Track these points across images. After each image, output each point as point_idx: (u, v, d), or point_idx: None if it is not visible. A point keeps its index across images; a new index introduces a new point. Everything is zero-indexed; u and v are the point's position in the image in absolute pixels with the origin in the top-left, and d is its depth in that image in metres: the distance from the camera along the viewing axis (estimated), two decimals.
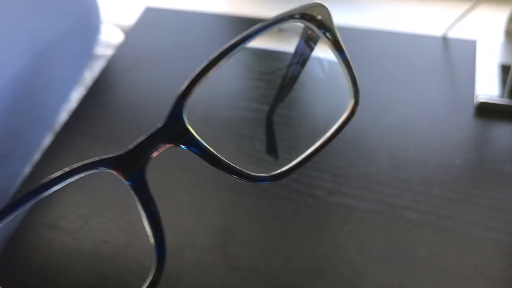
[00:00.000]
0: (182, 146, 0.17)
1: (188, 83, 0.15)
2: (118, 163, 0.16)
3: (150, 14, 0.62)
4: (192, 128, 0.16)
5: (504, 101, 0.45)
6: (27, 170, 0.46)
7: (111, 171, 0.16)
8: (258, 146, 0.38)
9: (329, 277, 0.35)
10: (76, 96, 0.56)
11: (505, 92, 0.46)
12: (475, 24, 0.57)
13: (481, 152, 0.42)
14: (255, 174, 0.18)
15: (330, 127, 0.19)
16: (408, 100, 0.48)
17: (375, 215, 0.38)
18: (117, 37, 0.62)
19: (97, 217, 0.39)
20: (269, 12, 0.65)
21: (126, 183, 0.17)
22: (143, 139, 0.17)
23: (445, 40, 0.55)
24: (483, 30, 0.57)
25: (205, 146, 0.16)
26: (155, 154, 0.17)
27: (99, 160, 0.16)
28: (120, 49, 0.57)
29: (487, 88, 0.47)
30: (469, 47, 0.53)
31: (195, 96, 0.17)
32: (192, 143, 0.17)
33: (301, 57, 0.22)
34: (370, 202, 0.39)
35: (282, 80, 0.29)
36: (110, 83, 0.53)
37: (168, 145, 0.17)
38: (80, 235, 0.38)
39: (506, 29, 0.53)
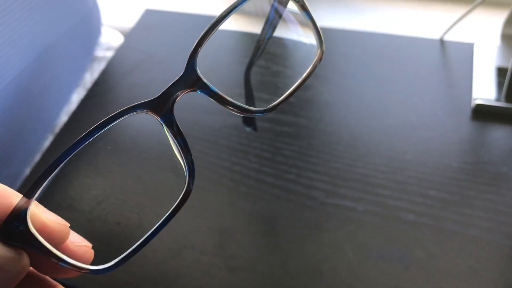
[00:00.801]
0: (198, 91, 0.23)
1: (196, 42, 0.19)
2: (152, 106, 0.21)
3: (150, 17, 0.62)
4: (204, 76, 0.22)
5: (501, 104, 0.46)
6: (27, 171, 0.46)
7: (147, 111, 0.21)
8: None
9: (327, 278, 0.35)
10: (76, 98, 0.56)
11: (501, 95, 0.46)
12: (472, 27, 0.58)
13: (478, 154, 0.43)
14: (253, 108, 0.24)
15: (304, 72, 0.25)
16: (405, 102, 0.48)
17: (372, 216, 0.38)
18: (117, 40, 0.63)
19: (109, 199, 0.40)
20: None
21: (160, 120, 0.21)
22: (168, 86, 0.22)
23: (442, 43, 0.55)
24: (480, 33, 0.58)
25: (215, 89, 0.22)
26: (178, 97, 0.22)
27: (136, 104, 0.21)
28: (120, 51, 0.57)
29: (484, 91, 0.47)
30: (466, 50, 0.53)
31: (204, 52, 0.23)
32: (205, 87, 0.22)
33: (273, 20, 0.26)
34: (367, 204, 0.39)
35: (257, 41, 0.34)
36: (110, 84, 0.53)
37: (187, 90, 0.22)
38: (94, 216, 0.39)
39: (503, 32, 0.54)
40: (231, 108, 0.22)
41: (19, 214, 0.17)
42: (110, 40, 0.62)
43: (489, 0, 0.61)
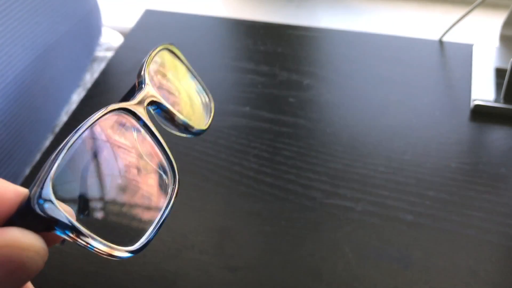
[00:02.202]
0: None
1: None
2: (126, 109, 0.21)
3: (150, 17, 0.62)
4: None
5: (500, 105, 0.46)
6: (27, 170, 0.46)
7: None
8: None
9: (326, 278, 0.35)
10: (76, 98, 0.56)
11: (500, 96, 0.46)
12: (471, 28, 0.58)
13: (477, 155, 0.43)
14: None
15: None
16: (404, 103, 0.48)
17: (371, 217, 0.38)
18: (117, 40, 0.63)
19: None
20: (265, 15, 0.65)
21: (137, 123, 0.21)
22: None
23: (441, 44, 0.55)
24: (478, 34, 0.58)
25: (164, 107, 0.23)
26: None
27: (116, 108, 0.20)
28: (120, 52, 0.57)
29: (483, 92, 0.47)
30: (465, 51, 0.54)
31: None
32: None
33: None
34: (366, 204, 0.39)
35: None
36: (110, 85, 0.53)
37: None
38: None
39: (501, 33, 0.54)
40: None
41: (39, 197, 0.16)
42: (110, 40, 0.62)
43: (488, 1, 0.62)
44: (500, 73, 0.49)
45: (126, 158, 0.20)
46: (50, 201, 0.16)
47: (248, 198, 0.40)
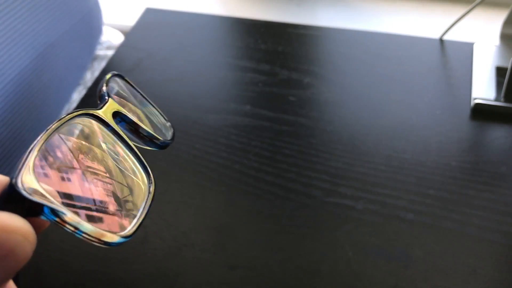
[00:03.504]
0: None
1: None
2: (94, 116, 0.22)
3: (150, 15, 0.62)
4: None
5: (500, 103, 0.46)
6: None
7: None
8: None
9: (326, 276, 0.35)
10: (76, 96, 0.56)
11: (501, 95, 0.46)
12: (472, 27, 0.58)
13: (477, 154, 0.43)
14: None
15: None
16: (405, 101, 0.48)
17: (372, 215, 0.38)
18: (118, 38, 0.63)
19: None
20: (266, 14, 0.65)
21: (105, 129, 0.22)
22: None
23: (442, 42, 0.55)
24: (479, 33, 0.58)
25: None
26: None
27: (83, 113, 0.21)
28: (120, 50, 0.57)
29: (483, 90, 0.47)
30: (466, 49, 0.54)
31: None
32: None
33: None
34: (367, 203, 0.39)
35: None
36: None
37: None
38: None
39: (502, 32, 0.54)
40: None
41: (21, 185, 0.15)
42: (110, 38, 0.62)
43: (489, 0, 0.62)
44: (500, 71, 0.49)
45: (102, 154, 0.21)
46: (34, 185, 0.16)
47: (249, 196, 0.40)
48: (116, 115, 0.22)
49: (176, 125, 0.48)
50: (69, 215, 0.16)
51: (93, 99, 0.51)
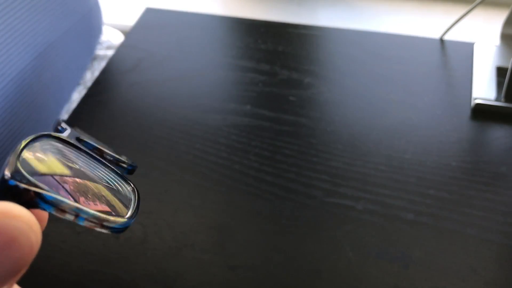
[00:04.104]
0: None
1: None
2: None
3: (150, 15, 0.62)
4: None
5: (500, 104, 0.46)
6: None
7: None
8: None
9: (327, 277, 0.35)
10: (76, 96, 0.56)
11: (501, 95, 0.46)
12: (472, 27, 0.58)
13: (478, 154, 0.43)
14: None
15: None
16: (405, 101, 0.48)
17: (372, 215, 0.38)
18: (118, 38, 0.63)
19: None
20: (266, 14, 0.65)
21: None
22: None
23: (442, 42, 0.55)
24: (479, 33, 0.58)
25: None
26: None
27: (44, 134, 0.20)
28: (120, 50, 0.57)
29: (484, 91, 0.47)
30: (466, 49, 0.54)
31: None
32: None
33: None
34: (367, 203, 0.39)
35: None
36: (111, 83, 0.53)
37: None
38: (83, 228, 0.39)
39: (502, 32, 0.54)
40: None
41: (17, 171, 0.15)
42: (110, 38, 0.62)
43: (489, 0, 0.62)
44: (501, 71, 0.49)
45: (78, 164, 0.20)
46: (28, 177, 0.15)
47: (249, 196, 0.40)
48: (80, 140, 0.22)
49: (176, 125, 0.48)
50: (67, 202, 0.16)
51: (93, 99, 0.51)
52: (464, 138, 0.44)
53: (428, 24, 0.61)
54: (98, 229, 0.17)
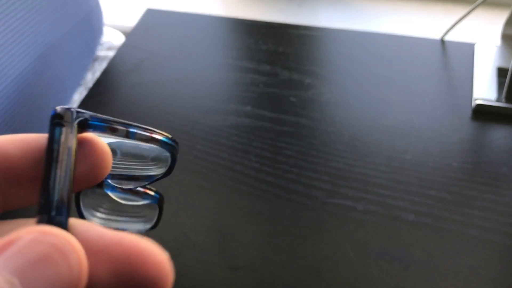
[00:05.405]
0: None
1: None
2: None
3: (151, 16, 0.62)
4: None
5: (501, 104, 0.46)
6: None
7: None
8: None
9: (327, 277, 0.35)
10: (77, 97, 0.56)
11: (502, 95, 0.46)
12: (473, 27, 0.58)
13: (478, 154, 0.43)
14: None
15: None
16: (406, 102, 0.48)
17: (373, 216, 0.38)
18: (119, 39, 0.63)
19: None
20: (267, 14, 0.65)
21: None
22: None
23: (443, 43, 0.55)
24: (480, 33, 0.58)
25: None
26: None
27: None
28: (121, 51, 0.57)
29: (485, 91, 0.47)
30: (467, 50, 0.54)
31: None
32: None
33: None
34: (368, 204, 0.39)
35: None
36: (111, 84, 0.53)
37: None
38: None
39: (503, 33, 0.54)
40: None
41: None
42: (111, 39, 0.62)
43: (490, 1, 0.61)
44: (502, 72, 0.49)
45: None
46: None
47: (250, 197, 0.40)
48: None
49: (177, 125, 0.48)
50: (118, 120, 0.16)
51: (93, 99, 0.51)
52: (465, 139, 0.44)
53: (428, 25, 0.61)
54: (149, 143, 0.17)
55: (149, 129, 0.18)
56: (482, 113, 0.46)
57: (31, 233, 0.13)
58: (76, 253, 0.13)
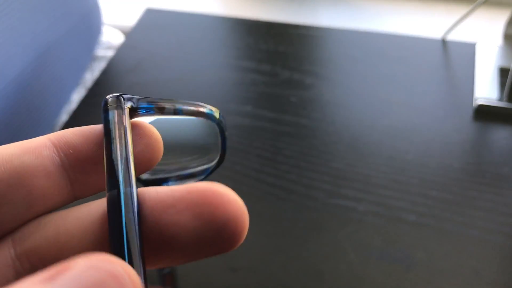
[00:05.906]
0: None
1: None
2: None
3: (151, 16, 0.62)
4: None
5: (503, 104, 0.46)
6: None
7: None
8: None
9: (328, 278, 0.35)
10: (76, 97, 0.56)
11: (503, 95, 0.46)
12: (474, 27, 0.58)
13: (480, 155, 0.43)
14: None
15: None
16: (407, 102, 0.48)
17: (374, 217, 0.38)
18: (118, 39, 0.63)
19: None
20: (267, 14, 0.65)
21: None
22: None
23: (444, 43, 0.55)
24: (482, 33, 0.58)
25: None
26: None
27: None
28: (121, 51, 0.57)
29: (486, 91, 0.47)
30: (468, 50, 0.53)
31: None
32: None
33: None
34: (369, 204, 0.39)
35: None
36: (111, 84, 0.53)
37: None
38: None
39: (505, 32, 0.53)
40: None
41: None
42: (110, 39, 0.62)
43: (492, 0, 0.61)
44: (503, 72, 0.49)
45: None
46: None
47: (250, 198, 0.40)
48: None
49: None
50: (161, 102, 0.17)
51: (93, 99, 0.51)
52: (466, 139, 0.44)
53: (430, 24, 0.60)
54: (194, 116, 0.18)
55: (194, 103, 0.19)
56: (484, 113, 0.46)
57: (87, 259, 0.12)
58: (132, 282, 0.13)
